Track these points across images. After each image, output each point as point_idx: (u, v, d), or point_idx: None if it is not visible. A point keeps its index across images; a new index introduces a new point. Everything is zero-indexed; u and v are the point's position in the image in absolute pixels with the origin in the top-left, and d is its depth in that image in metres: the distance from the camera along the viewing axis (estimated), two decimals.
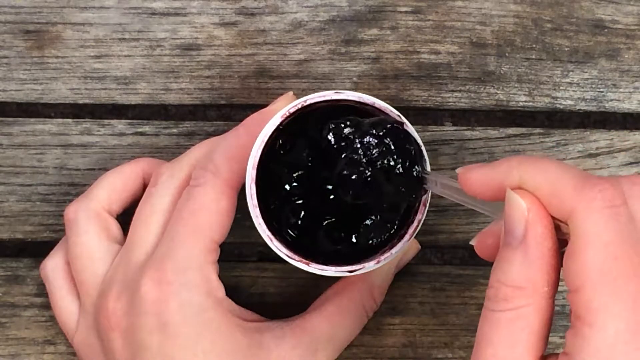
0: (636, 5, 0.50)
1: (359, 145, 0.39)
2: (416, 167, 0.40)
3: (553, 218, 0.32)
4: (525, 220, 0.32)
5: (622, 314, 0.29)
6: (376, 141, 0.39)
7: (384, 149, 0.39)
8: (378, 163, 0.39)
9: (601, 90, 0.50)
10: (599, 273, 0.30)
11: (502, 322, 0.31)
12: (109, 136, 0.49)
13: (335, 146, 0.40)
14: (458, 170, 0.35)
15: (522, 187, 0.32)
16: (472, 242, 0.36)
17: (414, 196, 0.41)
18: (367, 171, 0.39)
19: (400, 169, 0.39)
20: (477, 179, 0.34)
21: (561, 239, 0.32)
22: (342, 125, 0.40)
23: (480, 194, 0.34)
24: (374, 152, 0.39)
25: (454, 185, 0.37)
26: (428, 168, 0.41)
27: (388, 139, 0.39)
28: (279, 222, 0.42)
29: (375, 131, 0.39)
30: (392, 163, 0.39)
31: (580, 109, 0.50)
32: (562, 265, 0.32)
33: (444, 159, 0.49)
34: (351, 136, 0.39)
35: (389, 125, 0.39)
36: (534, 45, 0.50)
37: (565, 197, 0.31)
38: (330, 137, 0.40)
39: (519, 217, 0.32)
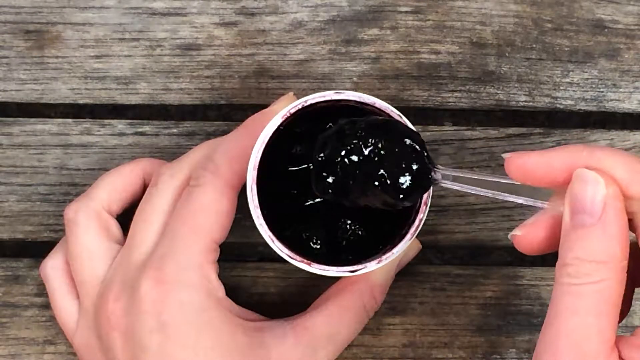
0: (636, 5, 0.50)
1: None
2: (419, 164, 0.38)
3: None
4: (604, 197, 0.33)
5: None
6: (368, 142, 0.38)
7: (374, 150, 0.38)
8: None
9: (601, 90, 0.50)
10: None
11: (588, 294, 0.33)
12: (109, 136, 0.49)
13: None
14: (506, 155, 0.35)
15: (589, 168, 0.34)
16: (515, 233, 0.36)
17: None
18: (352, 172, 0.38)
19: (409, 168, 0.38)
20: (532, 163, 0.34)
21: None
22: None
23: (531, 179, 0.35)
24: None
25: (471, 176, 0.37)
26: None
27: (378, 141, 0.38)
28: (280, 223, 0.42)
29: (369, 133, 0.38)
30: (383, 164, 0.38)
31: (580, 109, 0.50)
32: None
33: (444, 159, 0.49)
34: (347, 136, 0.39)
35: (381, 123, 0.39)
36: (534, 45, 0.50)
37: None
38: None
39: (596, 194, 0.33)
